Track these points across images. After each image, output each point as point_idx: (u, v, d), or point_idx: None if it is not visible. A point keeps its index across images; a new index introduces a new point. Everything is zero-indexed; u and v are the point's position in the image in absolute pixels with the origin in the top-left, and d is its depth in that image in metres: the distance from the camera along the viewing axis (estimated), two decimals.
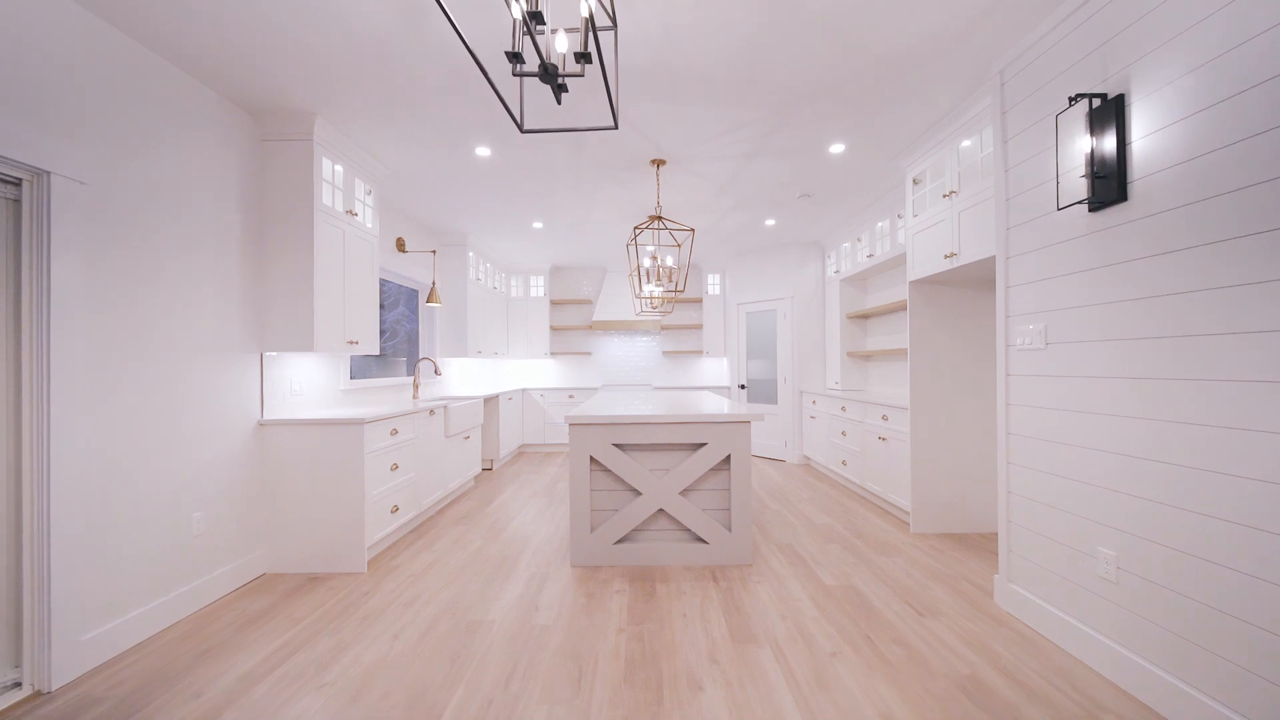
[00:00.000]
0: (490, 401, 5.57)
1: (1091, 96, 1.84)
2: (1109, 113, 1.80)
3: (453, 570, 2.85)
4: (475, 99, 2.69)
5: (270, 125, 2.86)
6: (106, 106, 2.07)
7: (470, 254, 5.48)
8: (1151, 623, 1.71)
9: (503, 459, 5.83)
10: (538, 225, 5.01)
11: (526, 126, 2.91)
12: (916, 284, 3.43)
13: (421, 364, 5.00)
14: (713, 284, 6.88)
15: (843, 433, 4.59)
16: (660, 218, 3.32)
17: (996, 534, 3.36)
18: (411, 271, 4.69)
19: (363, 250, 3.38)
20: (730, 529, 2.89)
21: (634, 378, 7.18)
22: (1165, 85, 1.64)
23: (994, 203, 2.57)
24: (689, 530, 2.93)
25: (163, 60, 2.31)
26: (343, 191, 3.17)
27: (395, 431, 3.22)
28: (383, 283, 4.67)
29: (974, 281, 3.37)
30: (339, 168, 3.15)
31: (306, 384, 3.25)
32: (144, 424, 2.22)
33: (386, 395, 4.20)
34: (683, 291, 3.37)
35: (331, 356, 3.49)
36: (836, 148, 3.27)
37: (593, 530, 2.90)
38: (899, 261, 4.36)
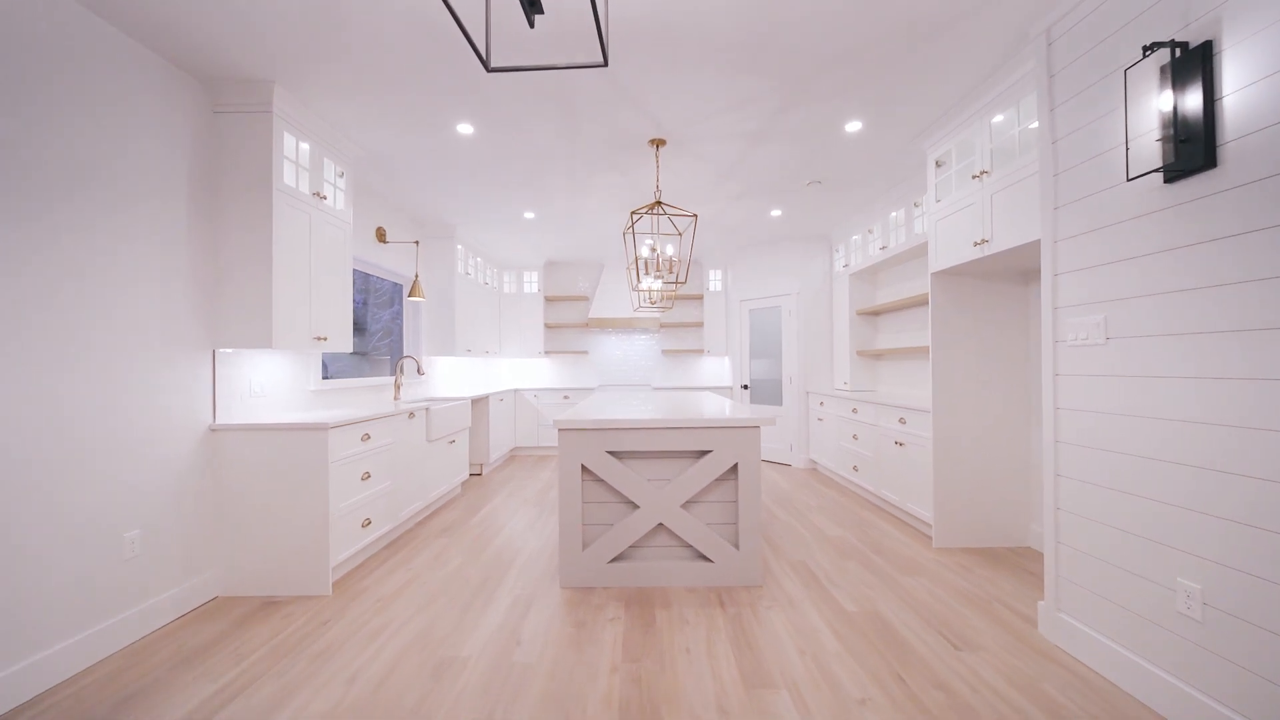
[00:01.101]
0: (479, 403, 5.27)
1: (1172, 45, 1.55)
2: (1192, 64, 1.52)
3: (428, 593, 2.55)
4: (450, 65, 2.39)
5: (224, 95, 2.56)
6: (20, 66, 1.77)
7: (459, 247, 5.18)
8: (1243, 668, 1.42)
9: (493, 463, 5.54)
10: (529, 216, 4.72)
11: (500, 75, 2.62)
12: (939, 276, 3.14)
13: (403, 363, 4.70)
14: (714, 280, 6.59)
15: (854, 436, 4.30)
16: (660, 203, 3.02)
17: (1029, 548, 3.08)
18: (394, 264, 4.39)
19: (333, 237, 3.08)
20: (738, 546, 2.60)
21: (632, 377, 6.89)
22: (1267, 27, 1.36)
23: (1038, 180, 2.28)
24: (692, 547, 2.64)
25: (90, 13, 2.00)
26: (309, 172, 2.87)
27: (367, 437, 2.92)
28: (364, 276, 4.37)
29: (1005, 272, 3.08)
30: (305, 145, 2.85)
31: (270, 384, 2.94)
32: (67, 431, 1.91)
33: (364, 397, 3.90)
34: (684, 283, 3.09)
35: (298, 354, 3.19)
36: (853, 126, 2.99)
37: (585, 547, 2.61)
38: (915, 253, 4.07)
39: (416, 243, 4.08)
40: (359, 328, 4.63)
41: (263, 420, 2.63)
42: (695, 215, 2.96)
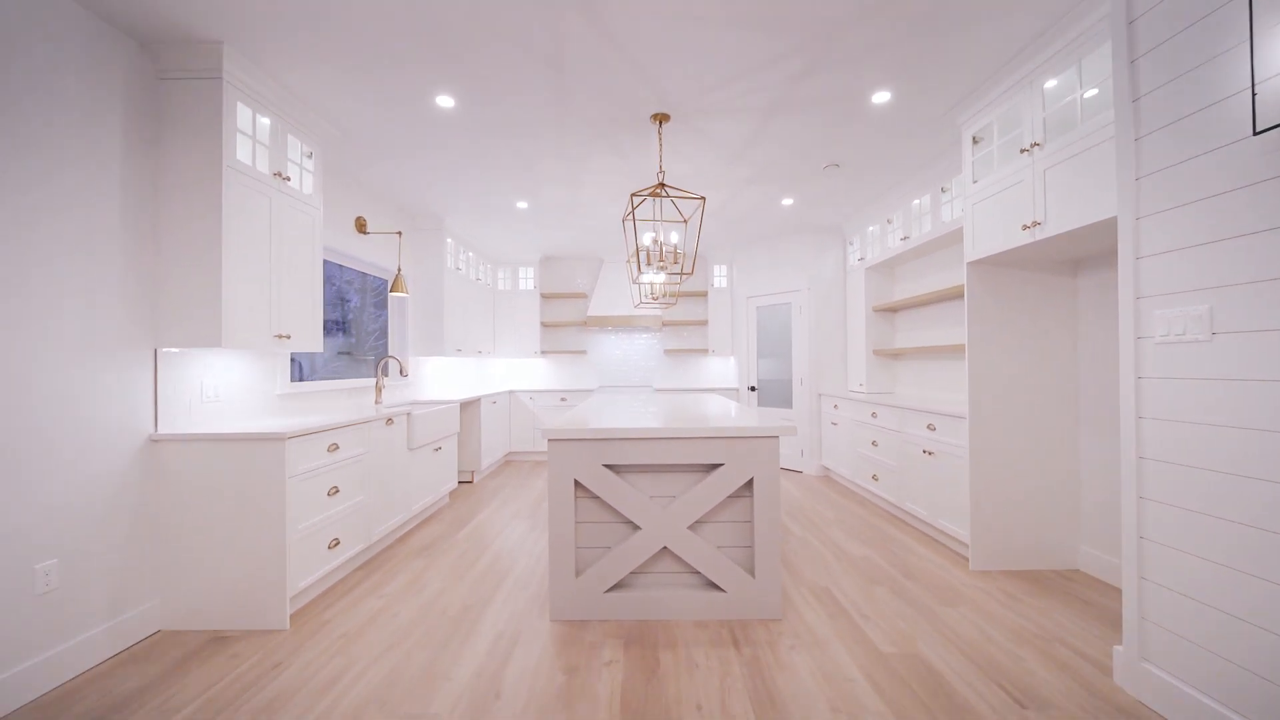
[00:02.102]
0: (470, 406, 4.95)
1: None
2: None
3: (399, 627, 2.23)
4: (425, 23, 2.07)
5: (167, 58, 2.24)
6: None
7: (448, 240, 4.86)
8: None
9: (485, 470, 5.21)
10: (522, 205, 4.39)
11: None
12: (977, 266, 2.81)
13: (385, 364, 4.38)
14: (719, 275, 6.26)
15: (873, 442, 3.97)
16: (664, 185, 2.70)
17: (1078, 572, 2.74)
18: (376, 257, 4.07)
19: (300, 224, 2.76)
20: (754, 573, 2.27)
21: (633, 378, 6.57)
22: None
23: (1106, 149, 1.95)
24: (700, 574, 2.31)
25: None
26: (269, 149, 2.55)
27: (335, 447, 2.60)
28: (343, 270, 4.05)
29: (1050, 261, 2.75)
30: (265, 120, 2.53)
31: (227, 388, 2.62)
32: None
33: (341, 401, 3.58)
34: (690, 274, 2.75)
35: (263, 354, 2.87)
36: (881, 96, 2.65)
37: (578, 574, 2.28)
38: (941, 244, 3.74)
39: (399, 233, 3.76)
40: (344, 327, 4.32)
41: (215, 429, 2.31)
42: (703, 198, 2.63)
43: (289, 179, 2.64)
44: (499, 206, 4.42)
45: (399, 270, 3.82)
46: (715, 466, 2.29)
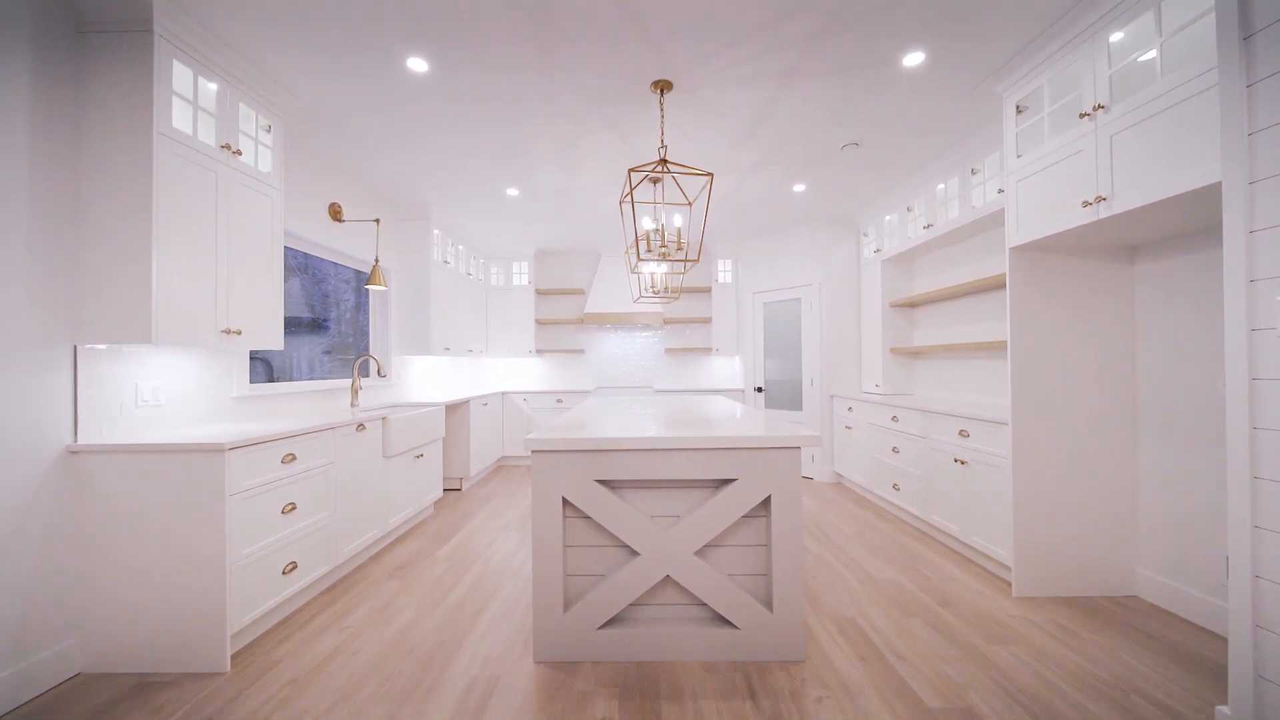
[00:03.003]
0: (458, 408, 4.63)
1: None
2: None
3: (357, 670, 1.91)
4: None
5: (88, 6, 1.93)
6: None
7: (435, 231, 4.55)
8: None
9: (476, 476, 4.90)
10: (513, 193, 4.07)
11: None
12: (1021, 252, 2.48)
13: (361, 364, 4.07)
14: (723, 270, 5.93)
15: (894, 449, 3.64)
16: (666, 162, 2.38)
17: (1136, 598, 2.41)
18: (353, 247, 3.75)
19: (256, 205, 2.44)
20: (771, 607, 1.94)
21: (633, 379, 6.25)
22: None
23: (1207, 100, 1.63)
24: (709, 608, 1.99)
25: None
26: (216, 118, 2.24)
27: (291, 457, 2.28)
28: (339, 269, 3.74)
29: (1110, 246, 2.42)
30: (211, 85, 2.22)
31: (168, 391, 2.31)
32: None
33: (311, 404, 3.26)
34: (696, 261, 2.43)
35: (214, 353, 2.55)
36: (913, 58, 2.33)
37: (566, 608, 1.96)
38: (969, 232, 3.41)
39: (377, 221, 3.45)
40: (321, 324, 4.00)
41: (150, 439, 1.99)
42: (710, 175, 2.31)
43: (240, 153, 2.32)
44: (488, 194, 4.11)
45: (376, 261, 3.50)
46: (726, 482, 1.97)
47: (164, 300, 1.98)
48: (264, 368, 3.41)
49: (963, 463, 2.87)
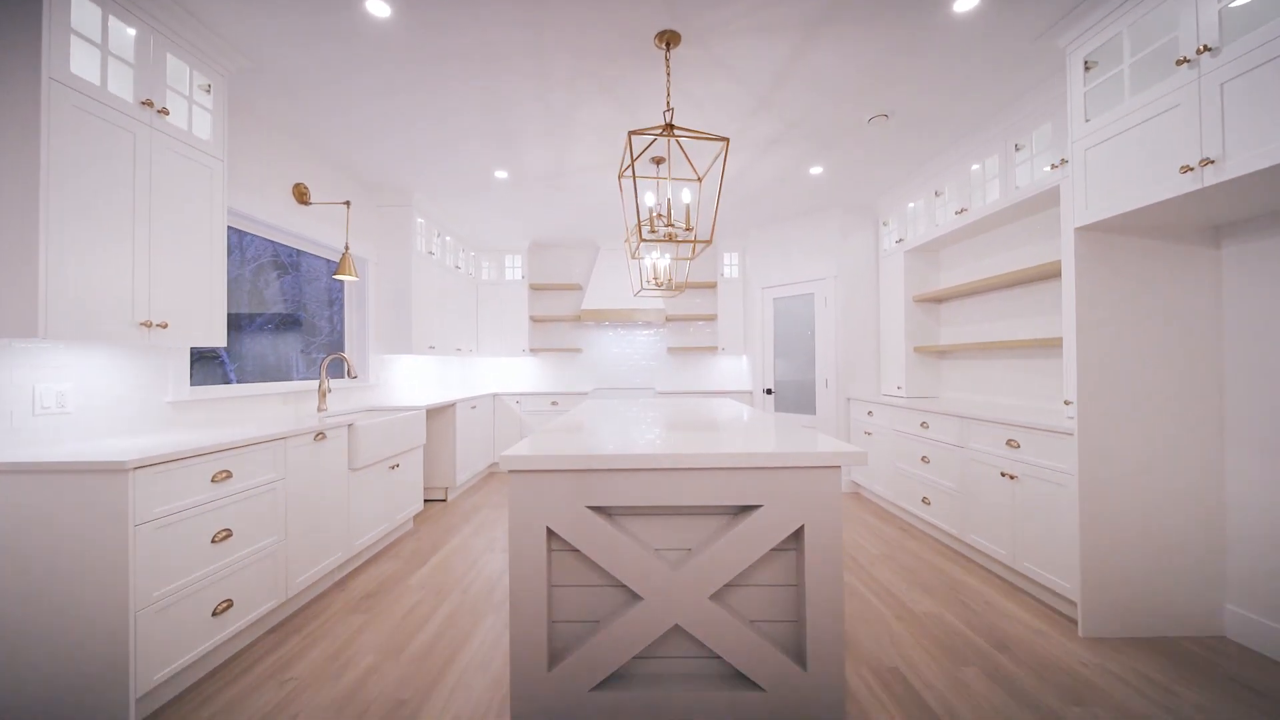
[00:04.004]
0: (442, 412, 4.26)
1: None
2: None
3: None
4: None
5: None
6: None
7: (419, 220, 4.18)
8: None
9: (462, 485, 4.53)
10: (501, 175, 3.71)
11: None
12: (1088, 234, 2.12)
13: (335, 363, 3.70)
14: (730, 264, 5.57)
15: (923, 458, 3.28)
16: (673, 127, 2.01)
17: (1224, 639, 2.05)
18: (325, 234, 3.38)
19: (190, 176, 2.07)
20: (805, 662, 1.58)
21: (633, 380, 5.88)
22: None
23: None
24: (726, 663, 1.62)
25: None
26: (134, 69, 1.87)
27: (225, 475, 1.91)
28: (296, 253, 3.37)
29: (1194, 226, 2.06)
30: (129, 30, 1.85)
31: (79, 395, 1.94)
32: None
33: (269, 409, 2.89)
34: (709, 244, 2.06)
35: (139, 350, 2.18)
36: (965, 2, 1.97)
37: (552, 665, 1.60)
38: (1009, 216, 3.05)
39: (347, 204, 3.09)
40: (296, 321, 3.64)
41: (46, 455, 1.63)
42: (726, 140, 1.95)
43: (167, 112, 1.95)
44: (474, 177, 3.74)
45: (346, 249, 3.13)
46: (748, 509, 1.60)
47: (58, 286, 1.61)
48: (218, 369, 3.05)
49: (1012, 477, 2.51)
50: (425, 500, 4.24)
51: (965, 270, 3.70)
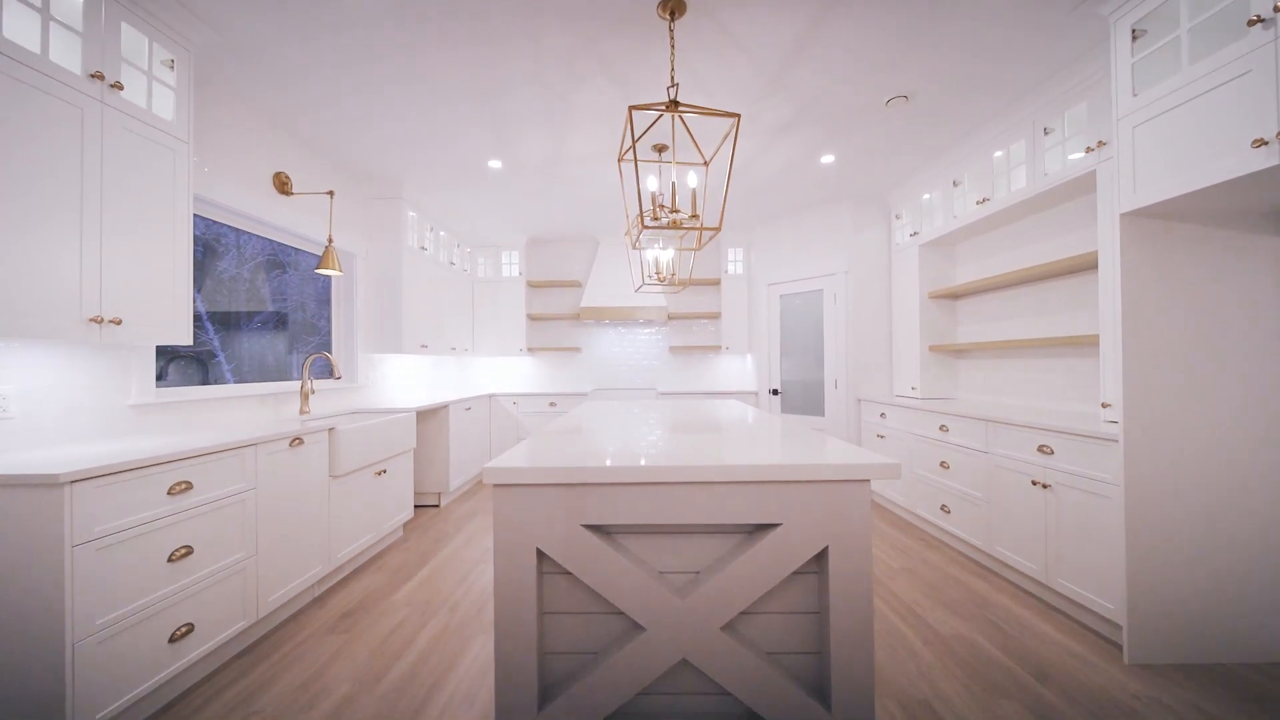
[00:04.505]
0: (435, 414, 4.08)
1: None
2: None
3: None
4: None
5: None
6: None
7: (410, 213, 4.00)
8: None
9: (456, 490, 4.35)
10: (495, 165, 3.52)
11: None
12: (1138, 220, 1.93)
13: (326, 362, 3.52)
14: (734, 260, 5.38)
15: (943, 464, 3.09)
16: (678, 104, 1.83)
17: None
18: (306, 226, 3.20)
19: (149, 160, 1.90)
20: (829, 701, 1.39)
21: (634, 380, 5.70)
22: None
23: None
24: (738, 700, 1.44)
25: None
26: (82, 38, 1.69)
27: (185, 486, 1.73)
28: (282, 247, 3.19)
29: (1254, 212, 1.86)
30: None
31: (26, 398, 1.76)
32: None
33: (247, 412, 2.71)
34: (718, 231, 1.88)
35: (94, 349, 2.00)
36: None
37: (543, 704, 1.41)
38: (1035, 206, 2.86)
39: (330, 193, 2.91)
40: (295, 320, 3.45)
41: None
42: (736, 116, 1.76)
43: (121, 87, 1.77)
44: (467, 167, 3.56)
45: (330, 241, 2.95)
46: (764, 529, 1.42)
47: None
48: (198, 369, 2.87)
49: (1045, 486, 2.32)
50: (417, 506, 4.06)
51: (983, 265, 3.51)
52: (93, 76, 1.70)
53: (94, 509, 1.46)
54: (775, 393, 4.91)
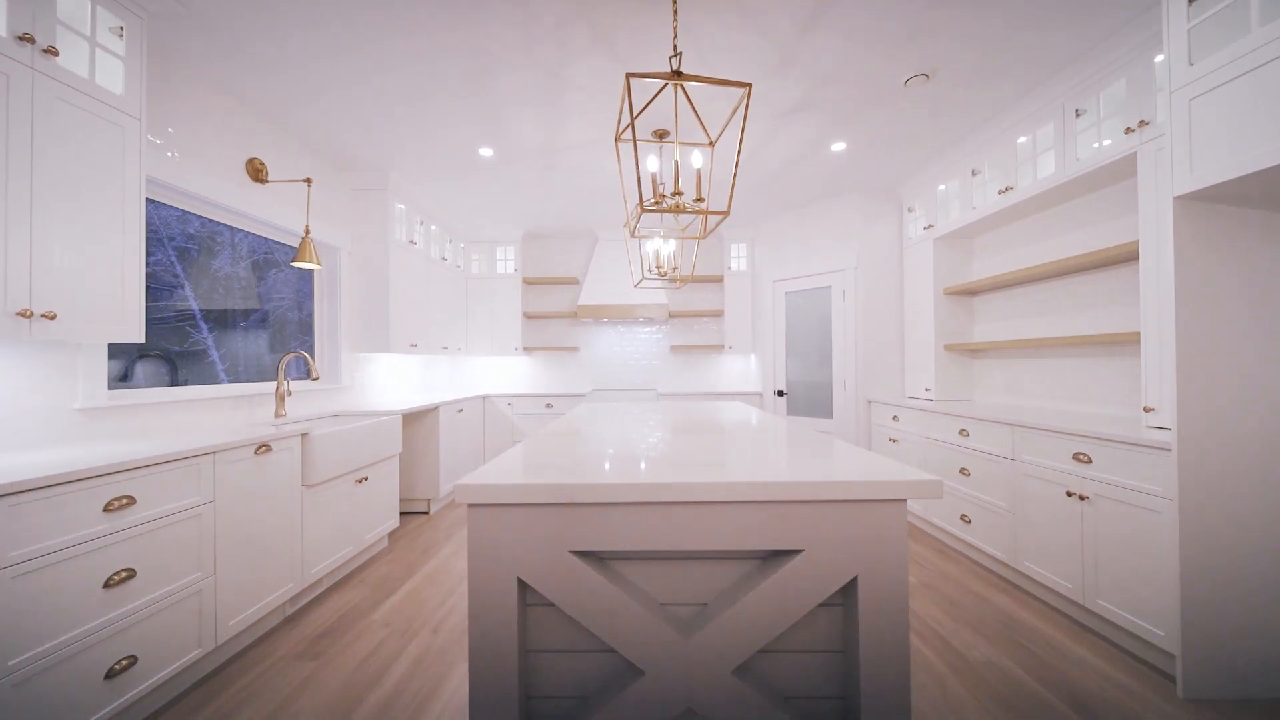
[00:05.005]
0: (424, 416, 3.89)
1: None
2: None
3: None
4: None
5: None
6: None
7: (398, 205, 3.81)
8: None
9: (447, 497, 4.15)
10: (486, 153, 3.33)
11: None
12: (1193, 204, 1.74)
13: (304, 362, 3.32)
14: (737, 256, 5.19)
15: (962, 471, 2.90)
16: (681, 75, 1.63)
17: None
18: (283, 216, 3.00)
19: (92, 136, 1.70)
20: None
21: (634, 380, 5.50)
22: None
23: None
24: None
25: None
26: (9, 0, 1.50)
27: (125, 501, 1.54)
28: (262, 240, 3.00)
29: None
30: None
31: None
32: None
33: (215, 415, 2.51)
34: (726, 215, 1.68)
35: (36, 348, 1.81)
36: None
37: None
38: (1066, 194, 2.66)
39: (308, 181, 2.71)
40: (291, 319, 3.26)
41: None
42: (748, 86, 1.57)
43: (56, 53, 1.58)
44: (456, 155, 3.36)
45: (306, 232, 2.76)
46: (783, 555, 1.22)
47: None
48: (168, 369, 2.68)
49: (1082, 498, 2.12)
50: (405, 514, 3.87)
51: (1003, 259, 3.31)
52: (21, 39, 1.51)
53: (11, 529, 1.26)
54: (780, 394, 4.72)
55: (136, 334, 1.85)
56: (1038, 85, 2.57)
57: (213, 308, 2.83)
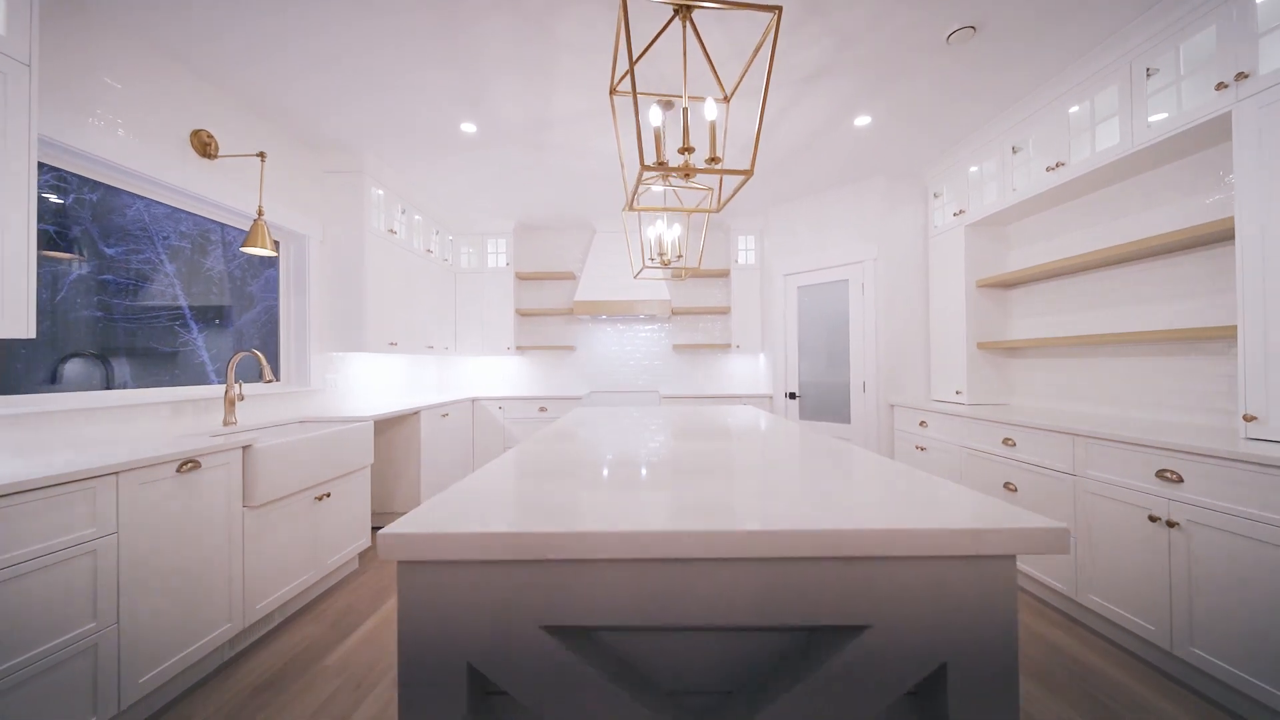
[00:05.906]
0: (403, 422, 3.55)
1: None
2: None
3: None
4: None
5: None
6: None
7: (376, 190, 3.47)
8: None
9: None
10: (469, 129, 2.99)
11: None
12: None
13: (258, 364, 2.98)
14: (745, 249, 4.85)
15: (1008, 485, 2.55)
16: (689, 4, 1.29)
17: None
18: (236, 197, 2.66)
19: None
20: None
21: (634, 381, 5.16)
22: None
23: None
24: None
25: None
26: None
27: None
28: (192, 218, 2.66)
29: None
30: None
31: None
32: None
33: (149, 424, 2.16)
34: (750, 175, 1.34)
35: None
36: None
37: None
38: (1133, 166, 2.31)
39: (261, 155, 2.38)
40: (228, 313, 2.92)
41: None
42: (778, 9, 1.23)
43: None
44: (435, 132, 3.02)
45: (260, 214, 2.42)
46: (846, 630, 0.88)
47: None
48: (101, 370, 2.33)
49: (1170, 524, 1.77)
50: (380, 529, 3.52)
51: (1045, 248, 2.97)
52: None
53: None
54: (792, 396, 4.37)
55: (23, 329, 1.51)
56: (1097, 44, 2.22)
57: (159, 305, 2.49)
